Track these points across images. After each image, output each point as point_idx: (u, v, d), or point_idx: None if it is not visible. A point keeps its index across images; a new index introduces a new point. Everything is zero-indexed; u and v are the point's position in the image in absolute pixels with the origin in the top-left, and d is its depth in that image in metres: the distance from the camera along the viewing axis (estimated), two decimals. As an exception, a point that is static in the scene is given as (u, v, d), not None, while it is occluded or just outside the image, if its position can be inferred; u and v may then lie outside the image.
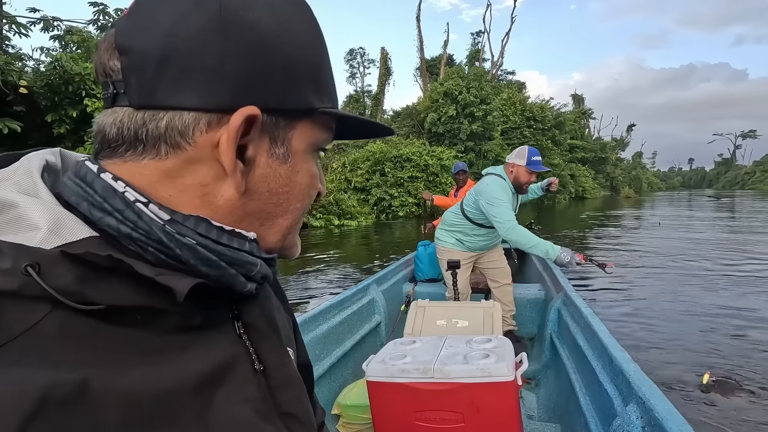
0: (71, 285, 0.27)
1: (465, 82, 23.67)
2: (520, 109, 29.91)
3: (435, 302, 2.19)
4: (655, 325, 4.30)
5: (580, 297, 2.34)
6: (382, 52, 27.27)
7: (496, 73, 39.17)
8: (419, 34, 33.44)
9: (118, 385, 0.28)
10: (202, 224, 0.33)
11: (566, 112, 36.90)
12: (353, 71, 41.69)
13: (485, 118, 23.62)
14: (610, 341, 1.65)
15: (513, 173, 2.75)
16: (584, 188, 38.62)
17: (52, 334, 0.26)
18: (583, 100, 54.70)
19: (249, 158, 0.34)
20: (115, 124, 0.32)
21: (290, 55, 0.34)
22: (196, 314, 0.34)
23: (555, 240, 2.77)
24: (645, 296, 5.41)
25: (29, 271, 0.26)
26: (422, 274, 3.61)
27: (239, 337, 0.38)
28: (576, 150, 40.09)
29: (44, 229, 0.29)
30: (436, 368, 1.35)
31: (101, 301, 0.28)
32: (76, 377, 0.26)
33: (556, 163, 30.50)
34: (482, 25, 49.54)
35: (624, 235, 12.25)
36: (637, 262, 7.84)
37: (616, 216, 19.49)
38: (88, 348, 0.28)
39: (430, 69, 34.31)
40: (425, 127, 24.53)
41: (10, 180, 0.31)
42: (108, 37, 0.32)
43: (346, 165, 18.03)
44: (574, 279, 5.34)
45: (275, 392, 0.39)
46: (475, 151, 24.24)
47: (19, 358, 0.25)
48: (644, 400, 1.23)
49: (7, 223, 0.29)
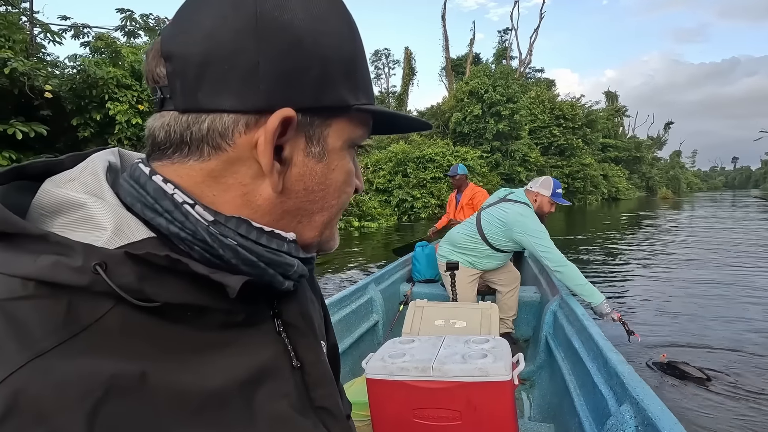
0: (133, 283, 0.29)
1: (491, 80, 23.10)
2: (549, 108, 28.98)
3: (433, 302, 2.20)
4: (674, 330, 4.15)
5: (575, 300, 2.35)
6: (406, 51, 27.02)
7: (524, 71, 38.21)
8: (444, 33, 33.00)
9: (173, 379, 0.30)
10: (243, 225, 0.35)
11: (598, 110, 35.53)
12: (378, 72, 41.67)
13: (512, 117, 22.99)
14: (605, 343, 1.67)
15: (537, 202, 2.73)
16: (618, 189, 37.14)
17: (114, 328, 0.29)
18: (616, 98, 52.72)
19: (286, 158, 0.35)
20: (163, 128, 0.34)
21: (325, 54, 0.34)
22: (239, 312, 0.36)
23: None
24: (667, 304, 4.97)
25: (98, 270, 0.28)
26: (419, 275, 3.59)
27: (278, 335, 0.39)
28: (609, 149, 38.59)
29: (110, 230, 0.31)
30: (435, 367, 1.37)
31: (158, 298, 0.30)
32: (136, 369, 0.28)
33: (587, 162, 29.36)
34: (510, 23, 48.61)
35: (656, 237, 11.53)
36: (666, 267, 7.28)
37: (648, 217, 18.51)
38: (146, 342, 0.30)
39: (456, 68, 33.82)
40: (450, 127, 24.10)
41: (77, 180, 0.33)
42: (155, 45, 0.34)
43: (368, 166, 17.87)
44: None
45: (311, 388, 0.40)
46: (502, 151, 23.61)
47: (88, 349, 0.27)
48: (638, 400, 1.25)
49: (76, 222, 0.32)
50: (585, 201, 30.39)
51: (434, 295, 3.16)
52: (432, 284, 3.49)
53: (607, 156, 38.06)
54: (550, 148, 28.41)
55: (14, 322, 0.27)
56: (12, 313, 0.27)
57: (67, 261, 0.28)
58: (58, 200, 0.32)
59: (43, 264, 0.28)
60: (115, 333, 0.29)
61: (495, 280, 2.98)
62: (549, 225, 2.76)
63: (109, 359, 0.28)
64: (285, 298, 0.40)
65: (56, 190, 0.33)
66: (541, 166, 26.01)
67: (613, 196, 36.52)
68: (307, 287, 0.47)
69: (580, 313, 2.11)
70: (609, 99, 50.92)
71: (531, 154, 25.23)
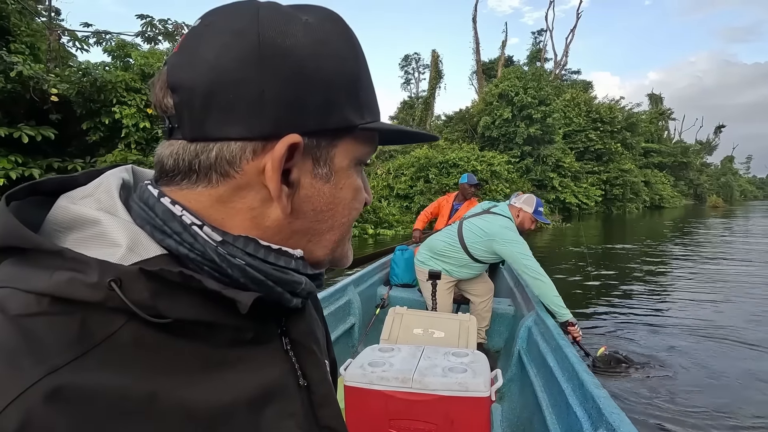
0: (147, 300, 0.30)
1: (522, 82, 22.11)
2: (586, 110, 27.48)
3: (412, 310, 2.19)
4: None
5: (551, 319, 2.36)
6: (433, 54, 26.35)
7: (560, 73, 36.70)
8: (475, 35, 32.19)
9: (182, 396, 0.30)
10: (251, 244, 0.35)
11: (640, 113, 33.43)
12: (408, 77, 41.22)
13: (544, 121, 21.88)
14: (580, 365, 1.67)
15: (519, 218, 2.79)
16: (661, 196, 34.91)
17: (126, 344, 0.29)
18: (661, 100, 49.99)
19: (293, 181, 0.35)
20: (172, 156, 0.34)
21: (328, 77, 0.34)
22: (248, 329, 0.36)
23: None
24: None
25: (113, 286, 0.29)
26: (397, 279, 3.55)
27: (286, 353, 0.39)
28: (652, 154, 36.36)
29: (124, 247, 0.31)
30: (416, 378, 1.37)
31: (170, 314, 0.31)
32: (147, 386, 0.29)
33: (627, 168, 27.59)
34: (544, 24, 46.87)
35: (702, 250, 10.34)
36: (712, 287, 6.31)
37: (695, 228, 16.95)
38: (157, 359, 0.30)
39: (488, 72, 32.85)
40: (478, 131, 23.25)
41: (92, 197, 0.34)
42: (161, 75, 0.34)
43: (390, 171, 17.38)
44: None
45: (316, 407, 0.40)
46: (533, 156, 22.51)
47: (101, 365, 0.28)
48: (614, 427, 1.25)
49: (90, 238, 0.32)
50: (624, 209, 28.58)
51: (411, 301, 3.15)
52: (409, 289, 3.44)
53: (649, 161, 35.84)
54: (586, 153, 26.89)
55: (29, 338, 0.27)
56: (27, 328, 0.27)
57: (82, 277, 0.29)
58: (72, 216, 0.32)
59: (58, 280, 0.29)
60: (127, 349, 0.29)
61: (470, 290, 2.98)
62: (584, 233, 2.68)
63: (121, 375, 0.28)
64: (293, 316, 0.40)
65: (70, 206, 0.33)
66: (575, 171, 24.67)
67: (656, 204, 34.31)
68: (312, 308, 0.47)
69: (556, 332, 2.11)
70: (653, 101, 48.27)
71: (565, 159, 23.96)
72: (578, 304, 5.35)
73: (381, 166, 18.05)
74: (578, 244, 12.02)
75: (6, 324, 0.28)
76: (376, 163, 18.47)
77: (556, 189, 23.01)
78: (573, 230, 16.17)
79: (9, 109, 7.99)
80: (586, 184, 25.49)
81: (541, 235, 14.20)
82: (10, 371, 0.26)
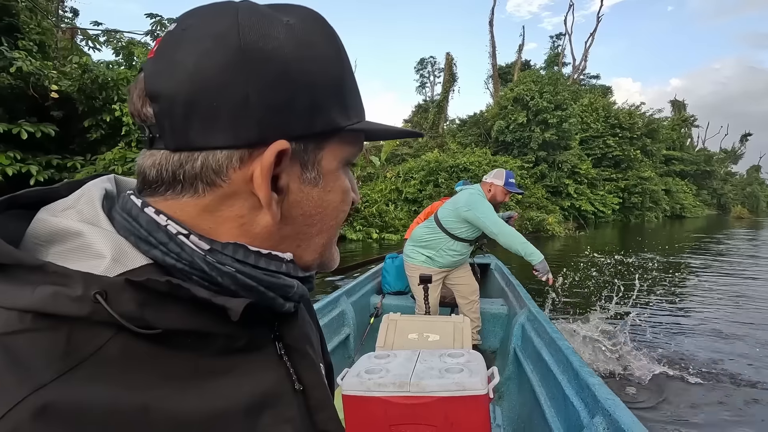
0: (134, 311, 0.29)
1: (538, 86, 21.60)
2: (604, 116, 26.72)
3: (406, 316, 2.20)
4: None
5: (543, 313, 2.40)
6: (447, 57, 25.94)
7: (578, 78, 35.93)
8: (492, 39, 31.68)
9: (175, 408, 0.29)
10: (240, 250, 0.34)
11: (661, 119, 32.40)
12: (423, 81, 40.95)
13: (560, 126, 21.31)
14: (574, 357, 1.72)
15: (491, 192, 2.87)
16: (682, 206, 33.76)
17: (115, 358, 0.28)
18: (684, 107, 48.57)
19: (282, 187, 0.35)
20: (154, 167, 0.33)
21: (313, 79, 0.34)
22: (240, 336, 0.35)
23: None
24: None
25: (98, 299, 0.28)
26: (389, 287, 3.54)
27: (280, 358, 0.39)
28: (673, 162, 35.24)
29: (108, 258, 0.30)
30: (413, 382, 1.38)
31: (159, 325, 0.30)
32: (138, 399, 0.28)
33: (647, 175, 26.69)
34: (563, 28, 45.89)
35: (724, 264, 9.74)
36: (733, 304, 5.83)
37: (718, 239, 16.18)
38: (147, 371, 0.30)
39: (504, 77, 32.33)
40: (492, 135, 22.79)
41: (73, 208, 0.33)
42: (138, 83, 0.33)
43: (400, 174, 17.08)
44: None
45: (313, 412, 0.40)
46: (548, 162, 21.94)
47: (89, 380, 0.27)
48: (610, 412, 1.29)
49: (72, 250, 0.31)
50: (643, 218, 27.65)
51: (404, 308, 3.14)
52: (402, 296, 3.44)
53: (670, 169, 34.71)
54: (604, 160, 26.11)
55: (12, 356, 0.26)
56: (10, 347, 0.26)
57: (66, 291, 0.28)
58: (53, 229, 0.31)
59: (41, 295, 0.28)
60: (116, 363, 0.28)
61: (455, 288, 3.03)
62: (601, 240, 2.42)
63: (111, 390, 0.27)
64: (286, 321, 0.40)
65: (51, 218, 0.32)
66: (592, 178, 23.98)
67: (677, 213, 33.19)
68: (305, 312, 0.46)
69: (549, 326, 2.13)
70: (675, 108, 46.96)
71: (581, 165, 23.30)
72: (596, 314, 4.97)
73: (391, 169, 17.76)
74: (595, 251, 11.54)
75: None
76: (386, 166, 18.19)
77: (571, 196, 22.36)
78: (588, 239, 15.60)
79: (11, 105, 7.98)
80: (603, 192, 24.75)
81: (552, 244, 13.72)
82: None
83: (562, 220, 19.29)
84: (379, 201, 13.93)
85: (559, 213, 20.20)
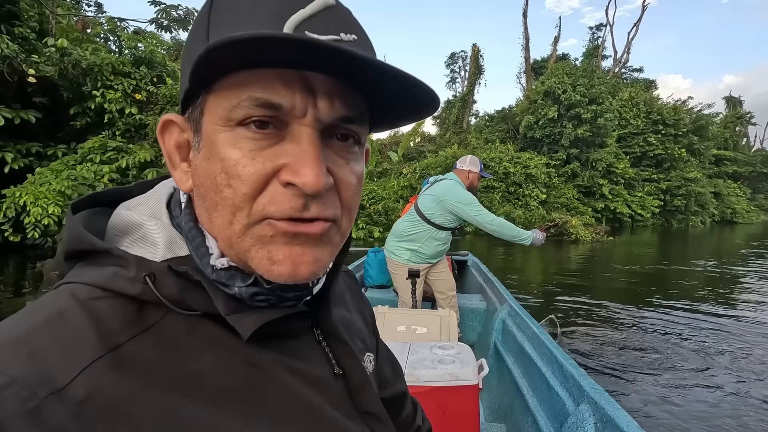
0: (176, 294, 0.33)
1: (572, 79, 20.07)
2: (645, 111, 24.66)
3: (394, 309, 2.26)
4: None
5: (525, 310, 2.43)
6: (474, 48, 24.64)
7: (619, 71, 33.63)
8: (525, 31, 30.04)
9: (222, 377, 0.33)
10: (237, 276, 0.35)
11: (711, 115, 29.68)
12: (454, 76, 39.60)
13: (595, 121, 19.73)
14: (558, 350, 1.75)
15: (469, 179, 2.90)
16: (734, 210, 30.92)
17: (171, 329, 0.33)
18: (740, 103, 44.76)
19: (191, 159, 0.35)
20: None
21: (189, 44, 0.35)
22: (278, 323, 0.36)
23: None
24: None
25: (147, 281, 0.32)
26: (371, 280, 3.58)
27: (318, 344, 0.41)
28: (725, 162, 32.39)
29: (162, 246, 0.35)
30: (407, 372, 1.42)
31: (198, 308, 0.34)
32: (192, 367, 0.32)
33: (693, 176, 24.44)
34: (605, 19, 42.85)
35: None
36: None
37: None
38: (198, 344, 0.33)
39: (538, 71, 30.62)
40: (520, 131, 21.43)
41: (144, 204, 0.38)
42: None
43: (416, 171, 16.20)
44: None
45: (354, 394, 0.42)
46: (581, 160, 20.39)
47: (155, 344, 0.32)
48: (595, 400, 1.33)
49: (138, 239, 0.36)
50: (687, 222, 25.39)
51: (387, 301, 3.17)
52: (384, 290, 3.47)
53: (721, 170, 31.91)
54: (644, 158, 24.14)
55: (94, 318, 0.31)
56: (92, 309, 0.31)
57: (124, 272, 0.33)
58: (125, 222, 0.37)
59: (106, 274, 0.33)
60: (173, 332, 0.33)
61: (434, 284, 3.04)
62: (634, 247, 1.90)
63: (171, 354, 0.32)
64: (321, 309, 0.41)
65: (125, 213, 0.37)
66: (629, 178, 22.16)
67: (727, 218, 30.43)
68: (348, 301, 0.50)
69: (531, 321, 2.17)
70: (729, 104, 43.34)
71: (618, 164, 21.57)
72: (626, 333, 4.03)
73: (408, 166, 16.90)
74: (621, 261, 10.28)
75: (76, 306, 0.31)
76: (403, 162, 17.35)
77: (605, 197, 20.73)
78: (618, 244, 14.16)
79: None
80: (642, 193, 22.86)
81: (573, 251, 12.46)
82: (80, 345, 0.29)
83: (593, 223, 17.78)
84: (386, 198, 13.11)
85: (590, 215, 18.70)
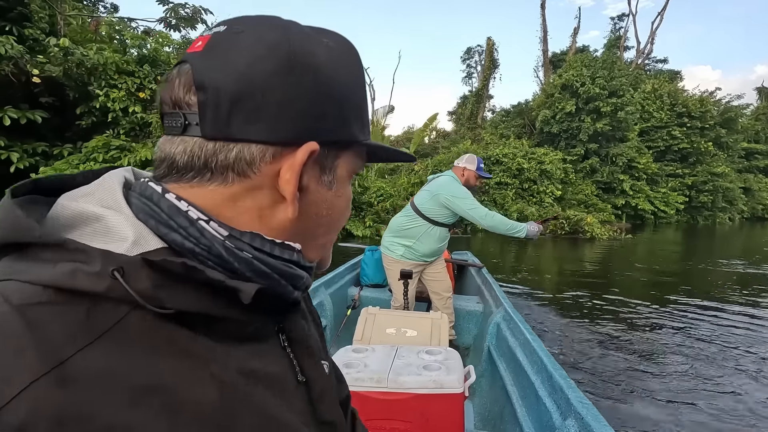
0: (149, 289, 0.30)
1: (591, 71, 19.41)
2: (670, 103, 23.69)
3: (385, 310, 2.22)
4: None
5: (519, 314, 2.41)
6: (488, 41, 24.10)
7: (642, 63, 32.43)
8: (543, 23, 29.22)
9: (187, 383, 0.31)
10: (257, 239, 0.37)
11: (740, 106, 28.30)
12: (470, 71, 38.95)
13: (615, 115, 19.05)
14: (549, 359, 1.73)
15: (465, 176, 2.92)
16: (765, 206, 29.48)
17: (133, 332, 0.30)
18: (773, 94, 42.59)
19: (303, 186, 0.38)
20: (186, 153, 0.35)
21: (343, 95, 0.38)
22: (249, 323, 0.37)
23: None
24: None
25: (116, 275, 0.29)
26: (368, 279, 3.57)
27: (283, 350, 0.41)
28: (756, 156, 30.87)
29: (130, 240, 0.32)
30: (390, 378, 1.42)
31: (172, 305, 0.31)
32: (155, 372, 0.29)
33: (720, 171, 23.38)
34: (627, 8, 41.25)
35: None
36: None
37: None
38: (163, 346, 0.31)
39: (556, 64, 29.79)
40: (536, 126, 20.88)
41: (93, 195, 0.35)
42: (185, 74, 0.35)
43: (428, 167, 15.93)
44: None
45: (315, 403, 0.42)
46: (600, 155, 19.74)
47: (107, 354, 0.28)
48: (582, 416, 1.32)
49: (93, 233, 0.32)
50: (714, 219, 24.34)
51: (382, 301, 3.18)
52: (380, 289, 3.47)
53: (752, 165, 30.42)
54: (668, 153, 23.20)
55: (36, 328, 0.27)
56: (34, 318, 0.27)
57: (85, 268, 0.30)
58: (74, 213, 0.33)
59: (61, 271, 0.29)
60: (133, 337, 0.30)
61: (430, 284, 3.03)
62: (656, 245, 1.68)
63: (129, 362, 0.29)
64: (289, 314, 0.42)
65: (72, 203, 0.34)
66: (652, 173, 21.35)
67: (758, 215, 29.08)
68: (305, 309, 0.50)
69: (525, 327, 2.16)
70: (762, 95, 41.34)
71: (640, 159, 20.81)
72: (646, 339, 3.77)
73: (420, 162, 16.64)
74: (640, 260, 9.82)
75: (11, 313, 0.27)
76: (417, 160, 17.08)
77: (626, 193, 20.02)
78: (637, 243, 13.60)
79: (3, 92, 7.87)
80: (666, 189, 22.02)
81: (589, 249, 12.01)
82: (18, 361, 0.26)
83: (613, 221, 17.17)
84: (395, 195, 12.90)
85: (610, 212, 18.07)
